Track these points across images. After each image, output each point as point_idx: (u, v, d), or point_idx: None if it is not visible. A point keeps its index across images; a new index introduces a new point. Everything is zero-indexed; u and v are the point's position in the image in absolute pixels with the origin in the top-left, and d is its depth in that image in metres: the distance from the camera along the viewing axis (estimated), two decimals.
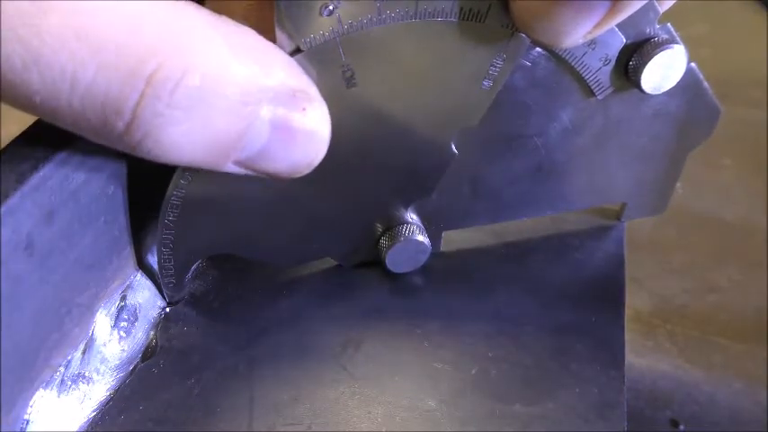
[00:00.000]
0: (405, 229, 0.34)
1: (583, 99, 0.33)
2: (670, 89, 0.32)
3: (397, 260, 0.35)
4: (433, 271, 0.36)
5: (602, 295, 0.36)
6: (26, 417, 0.27)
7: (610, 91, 0.32)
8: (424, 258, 0.35)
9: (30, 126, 0.27)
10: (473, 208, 0.36)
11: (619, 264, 0.37)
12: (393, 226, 0.34)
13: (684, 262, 0.44)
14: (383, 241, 0.35)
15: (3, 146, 0.26)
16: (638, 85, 0.32)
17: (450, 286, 0.36)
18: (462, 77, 0.29)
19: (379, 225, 0.35)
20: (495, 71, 0.29)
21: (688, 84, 0.33)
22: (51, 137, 0.26)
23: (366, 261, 0.36)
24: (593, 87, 0.32)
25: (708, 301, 0.42)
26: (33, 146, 0.26)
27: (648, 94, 0.32)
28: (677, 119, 0.35)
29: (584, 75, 0.31)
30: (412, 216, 0.35)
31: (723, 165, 0.51)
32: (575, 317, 0.34)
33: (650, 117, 0.34)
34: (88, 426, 0.29)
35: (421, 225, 0.35)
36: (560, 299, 0.35)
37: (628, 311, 0.35)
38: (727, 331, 0.40)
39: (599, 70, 0.31)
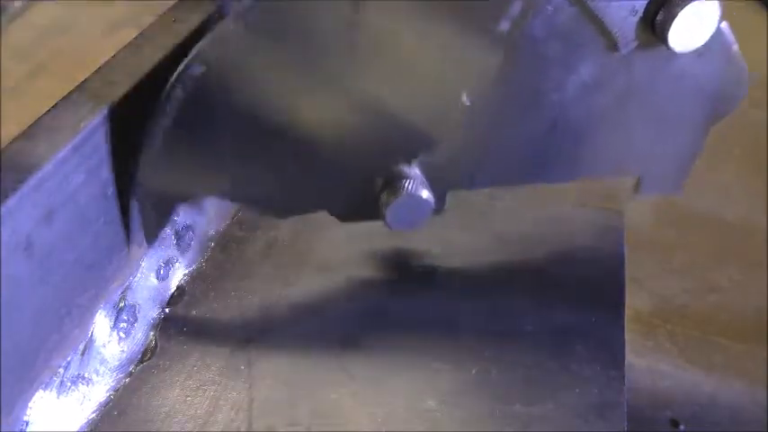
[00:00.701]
0: (407, 184, 0.32)
1: (605, 53, 0.31)
2: (698, 48, 0.30)
3: (397, 216, 0.33)
4: (434, 271, 0.36)
5: (602, 295, 0.36)
6: (26, 418, 0.27)
7: (634, 45, 0.30)
8: (425, 216, 0.33)
9: (29, 126, 0.27)
10: (482, 168, 0.34)
11: (619, 264, 0.37)
12: (395, 180, 0.32)
13: (684, 262, 0.44)
14: (384, 196, 0.32)
15: (3, 146, 0.26)
16: (664, 40, 0.30)
17: (450, 286, 0.36)
18: (479, 16, 0.28)
19: (380, 179, 0.33)
20: (514, 11, 0.28)
21: (717, 45, 0.31)
22: (51, 137, 0.26)
23: (365, 220, 0.34)
24: (617, 39, 0.30)
25: (708, 301, 0.42)
26: (33, 146, 0.26)
27: (675, 51, 0.30)
28: (703, 84, 0.33)
29: (608, 25, 0.30)
30: (415, 171, 0.33)
31: (723, 165, 0.51)
32: (575, 317, 0.34)
33: (675, 79, 0.32)
34: (88, 426, 0.29)
35: (425, 181, 0.33)
36: (560, 299, 0.35)
37: (628, 311, 0.35)
38: (728, 331, 0.40)
39: (624, 20, 0.30)
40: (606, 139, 0.34)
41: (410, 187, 0.32)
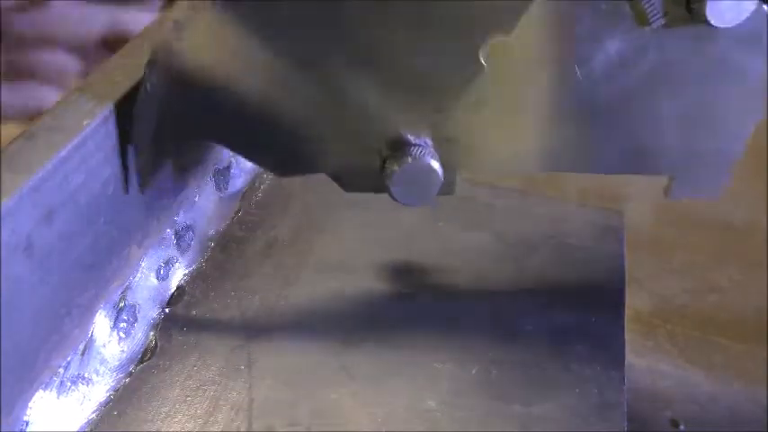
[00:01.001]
0: (415, 150, 0.29)
1: (634, 27, 0.28)
2: (736, 31, 0.27)
3: (403, 186, 0.30)
4: (434, 271, 0.36)
5: (603, 295, 0.36)
6: (26, 418, 0.27)
7: (663, 21, 0.28)
8: (434, 191, 0.30)
9: (29, 126, 0.27)
10: (496, 148, 0.31)
11: (619, 264, 0.37)
12: (401, 147, 0.30)
13: (684, 262, 0.44)
14: (388, 164, 0.30)
15: (3, 146, 0.26)
16: (700, 12, 0.27)
17: (450, 286, 0.36)
18: None
19: (384, 147, 0.30)
20: None
21: (758, 30, 0.28)
22: (51, 137, 0.26)
23: (370, 190, 0.32)
24: (647, 11, 0.27)
25: (708, 301, 0.42)
26: (33, 146, 0.26)
27: (711, 25, 0.27)
28: (742, 73, 0.29)
29: None
30: (424, 140, 0.30)
31: None
32: (575, 317, 0.34)
33: (713, 66, 0.29)
34: (88, 426, 0.29)
35: (434, 152, 0.30)
36: (560, 299, 0.35)
37: (628, 311, 0.35)
38: (727, 331, 0.40)
39: None
40: (634, 129, 0.31)
41: (417, 154, 0.30)
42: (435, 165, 0.30)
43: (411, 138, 0.30)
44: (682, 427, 0.37)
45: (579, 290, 0.36)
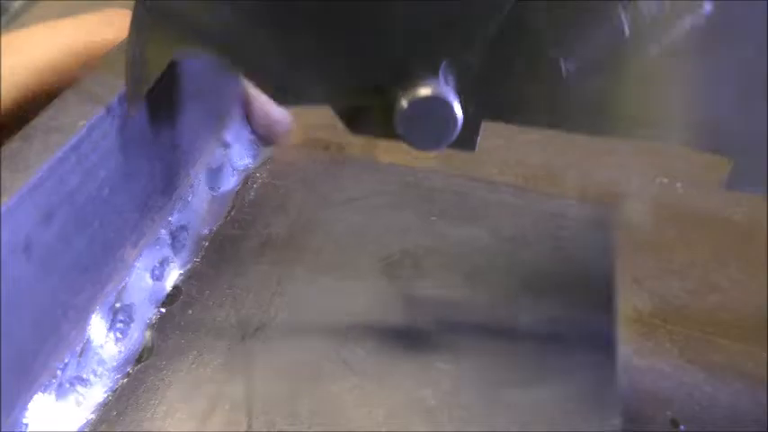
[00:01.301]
0: (430, 85, 0.26)
1: None
2: None
3: (415, 126, 0.27)
4: (431, 266, 0.36)
5: (595, 289, 0.36)
6: (24, 420, 0.27)
7: None
8: (451, 132, 0.27)
9: (27, 126, 0.27)
10: (526, 95, 0.27)
11: (607, 254, 0.37)
12: (417, 82, 0.27)
13: (684, 262, 0.44)
14: (401, 100, 0.27)
15: (2, 146, 0.26)
16: None
17: (447, 281, 0.36)
18: None
19: (400, 83, 0.27)
20: None
21: None
22: (47, 138, 0.26)
23: (380, 134, 0.29)
24: None
25: (708, 300, 0.42)
26: (30, 147, 0.26)
27: None
28: None
29: None
30: (442, 77, 0.27)
31: (724, 164, 0.51)
32: (568, 311, 0.34)
33: None
34: (86, 427, 0.29)
35: (453, 92, 0.27)
36: (554, 294, 0.35)
37: (628, 311, 0.35)
38: (728, 331, 0.40)
39: None
40: (687, 91, 0.27)
41: (433, 89, 0.26)
42: (452, 101, 0.26)
43: (428, 74, 0.27)
44: (682, 427, 0.37)
45: (573, 284, 0.36)
